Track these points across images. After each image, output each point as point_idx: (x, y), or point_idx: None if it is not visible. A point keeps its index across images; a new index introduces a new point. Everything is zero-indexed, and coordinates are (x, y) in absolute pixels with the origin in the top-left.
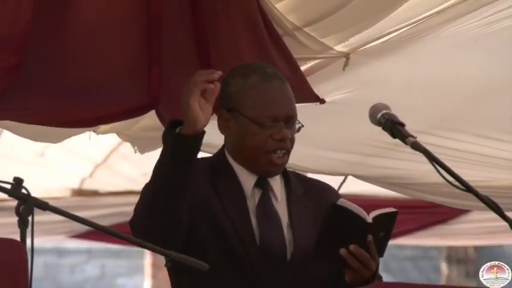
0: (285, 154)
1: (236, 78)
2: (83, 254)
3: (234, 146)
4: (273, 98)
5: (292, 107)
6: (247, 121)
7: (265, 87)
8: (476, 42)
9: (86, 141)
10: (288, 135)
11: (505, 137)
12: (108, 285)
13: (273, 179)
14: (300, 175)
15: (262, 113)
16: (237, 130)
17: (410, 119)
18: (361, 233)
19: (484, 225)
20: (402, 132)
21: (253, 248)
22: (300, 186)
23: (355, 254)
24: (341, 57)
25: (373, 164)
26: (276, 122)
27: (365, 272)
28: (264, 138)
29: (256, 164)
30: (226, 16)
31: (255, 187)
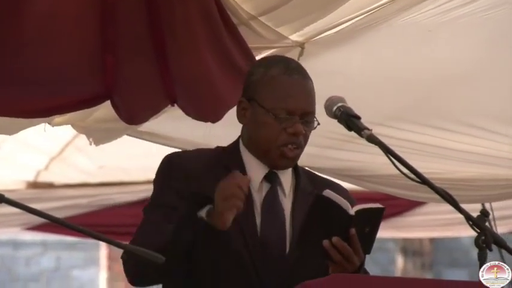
0: (297, 149)
1: (259, 68)
2: (38, 246)
3: (248, 135)
4: (291, 91)
5: (311, 103)
6: (262, 111)
7: (285, 80)
8: (430, 31)
9: (41, 134)
10: (302, 131)
11: (460, 128)
12: (63, 277)
13: (284, 174)
14: (312, 173)
15: (278, 105)
16: (253, 120)
17: (366, 110)
18: (343, 225)
19: (440, 217)
20: (358, 125)
21: (254, 243)
22: (309, 184)
23: (337, 246)
24: (296, 46)
25: (329, 156)
26: (291, 116)
27: (347, 266)
28: (277, 130)
29: (267, 155)
30: (181, 5)
31: (264, 180)
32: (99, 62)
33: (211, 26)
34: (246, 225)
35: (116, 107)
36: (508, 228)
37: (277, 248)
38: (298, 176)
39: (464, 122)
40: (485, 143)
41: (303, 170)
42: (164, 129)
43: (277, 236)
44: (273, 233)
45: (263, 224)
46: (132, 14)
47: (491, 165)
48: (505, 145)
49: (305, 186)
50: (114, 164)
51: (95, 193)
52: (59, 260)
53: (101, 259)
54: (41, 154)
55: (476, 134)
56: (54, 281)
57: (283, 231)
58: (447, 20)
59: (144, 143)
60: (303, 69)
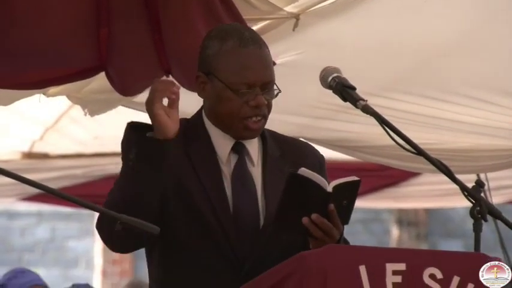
0: (261, 120)
1: (213, 40)
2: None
3: (210, 109)
4: (249, 64)
5: (269, 72)
6: (222, 86)
7: (241, 52)
8: (426, 1)
9: (35, 105)
10: (264, 102)
11: (456, 98)
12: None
13: (250, 143)
14: (278, 135)
15: (237, 79)
16: (213, 94)
17: (361, 81)
18: (321, 202)
19: (435, 187)
20: (353, 95)
21: (226, 216)
22: (276, 148)
23: (317, 223)
24: (291, 18)
25: (324, 127)
26: (251, 89)
27: (328, 240)
28: (239, 104)
29: (231, 129)
30: None
31: (232, 152)
32: (94, 34)
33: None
34: (216, 199)
35: (110, 79)
36: (503, 198)
37: (250, 219)
38: (265, 142)
39: (460, 93)
40: (481, 113)
41: (269, 133)
42: None
43: (249, 206)
44: (245, 204)
45: (234, 196)
46: None
47: (486, 135)
48: (501, 115)
49: (273, 151)
50: (109, 135)
51: (90, 163)
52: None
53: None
54: (36, 124)
55: (472, 104)
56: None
57: (255, 202)
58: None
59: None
60: (258, 37)
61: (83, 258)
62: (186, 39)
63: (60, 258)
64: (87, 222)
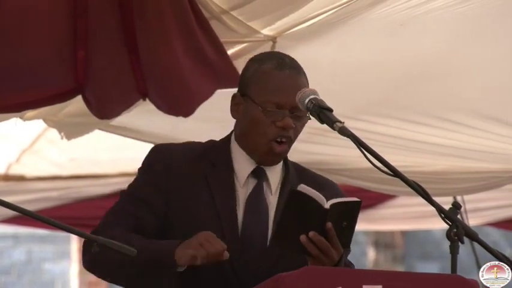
0: (285, 143)
1: (253, 63)
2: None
3: (239, 130)
4: (281, 85)
5: None
6: (253, 105)
7: (277, 74)
8: (402, 25)
9: (12, 126)
10: (291, 125)
11: (431, 121)
12: (35, 270)
13: (272, 170)
14: (301, 167)
15: (268, 99)
16: (244, 114)
17: (337, 103)
18: (319, 219)
19: (411, 210)
20: (330, 117)
21: (233, 239)
22: (297, 180)
23: (314, 240)
24: (268, 41)
25: (300, 149)
26: (280, 109)
27: (325, 260)
28: (266, 124)
29: (256, 150)
30: None
31: (251, 176)
32: (71, 57)
33: (182, 21)
34: (226, 221)
35: (87, 102)
36: (479, 220)
37: (257, 245)
38: (288, 172)
39: (436, 115)
40: (457, 136)
41: (293, 165)
42: (135, 124)
43: (259, 233)
44: (255, 230)
45: (245, 221)
46: (103, 8)
47: (463, 158)
48: (477, 138)
49: (292, 182)
50: (86, 157)
51: (66, 186)
52: (30, 253)
53: (72, 252)
54: (13, 146)
55: (448, 127)
56: (26, 274)
57: (265, 229)
58: (417, 15)
59: (116, 136)
60: (297, 65)
61: (59, 280)
62: (164, 63)
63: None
64: (64, 244)
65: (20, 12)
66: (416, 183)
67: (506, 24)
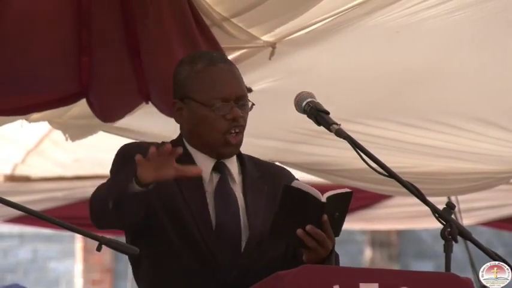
0: (239, 133)
1: (184, 66)
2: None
3: (189, 132)
4: (220, 80)
5: (241, 86)
6: (198, 105)
7: (212, 70)
8: (398, 32)
9: (18, 128)
10: (240, 114)
11: (425, 124)
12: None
13: (230, 162)
14: (255, 159)
15: (212, 95)
16: (190, 116)
17: (335, 107)
18: (316, 212)
19: (407, 209)
20: (326, 119)
21: (209, 232)
22: (255, 170)
23: (312, 233)
24: (267, 47)
25: (298, 151)
26: (226, 103)
27: (322, 251)
28: (216, 119)
29: (212, 146)
30: (155, 7)
31: (213, 171)
32: (75, 62)
33: (184, 27)
34: (199, 216)
35: (91, 105)
36: (473, 220)
37: (232, 233)
38: (243, 163)
39: (429, 119)
40: (451, 138)
41: (246, 156)
42: (138, 125)
43: (231, 221)
44: (227, 219)
45: (217, 213)
46: (106, 15)
47: (456, 159)
48: (470, 140)
49: (252, 172)
50: (90, 157)
51: (70, 186)
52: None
53: (77, 251)
54: (18, 147)
55: (442, 129)
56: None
57: (237, 217)
58: (413, 22)
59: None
60: (226, 58)
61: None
62: (165, 67)
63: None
64: (68, 243)
65: (25, 19)
66: (411, 183)
67: (498, 32)
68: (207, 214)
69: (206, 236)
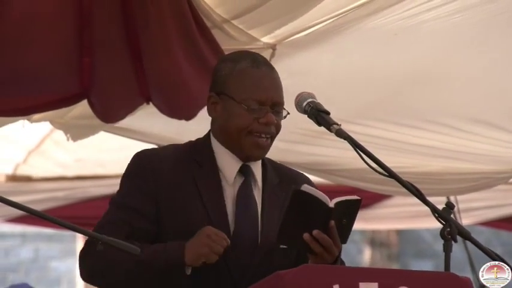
0: (269, 139)
1: (227, 63)
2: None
3: (220, 128)
4: (261, 83)
5: (280, 94)
6: (234, 103)
7: (254, 72)
8: (396, 35)
9: (19, 128)
10: (274, 120)
11: (425, 125)
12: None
13: (255, 166)
14: (275, 163)
15: (250, 96)
16: (224, 113)
17: (335, 108)
18: (323, 218)
19: (406, 209)
20: (327, 120)
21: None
22: (275, 176)
23: (318, 238)
24: (267, 48)
25: (299, 151)
26: (262, 106)
27: (327, 256)
28: (249, 120)
29: (240, 145)
30: (155, 8)
31: (238, 173)
32: (77, 63)
33: (184, 29)
34: (216, 219)
35: (92, 106)
36: (472, 220)
37: (249, 241)
38: (266, 169)
39: (429, 119)
40: (449, 139)
41: (268, 160)
42: (139, 126)
43: (250, 229)
44: (246, 226)
45: (237, 218)
46: (107, 17)
47: (455, 159)
48: (468, 141)
49: (271, 178)
50: (91, 158)
51: (72, 186)
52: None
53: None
54: (20, 147)
55: (441, 130)
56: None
57: (255, 225)
58: (412, 25)
59: (120, 138)
60: (269, 62)
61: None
62: (166, 68)
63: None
64: (70, 243)
65: (26, 21)
66: (410, 183)
67: (494, 35)
68: (225, 219)
69: None
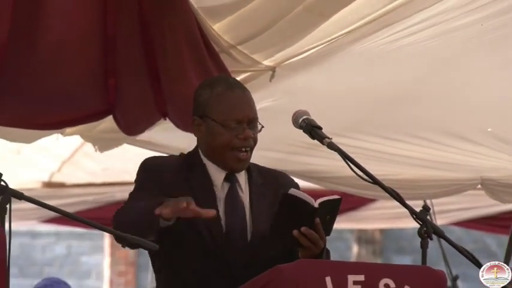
0: (249, 151)
1: (205, 89)
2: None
3: (205, 146)
4: (236, 104)
5: (253, 110)
6: (215, 124)
7: (229, 95)
8: (380, 57)
9: (54, 141)
10: (251, 135)
11: (405, 138)
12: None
13: (240, 173)
14: (259, 166)
15: (228, 117)
16: (208, 133)
17: (327, 123)
18: (309, 216)
19: (388, 211)
20: (320, 134)
21: (219, 233)
22: (259, 177)
23: (306, 234)
24: (268, 70)
25: (295, 161)
26: (239, 124)
27: (315, 248)
28: (230, 138)
29: (224, 160)
30: (171, 35)
31: (224, 181)
32: (103, 84)
33: (196, 53)
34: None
35: (117, 121)
36: (446, 220)
37: (240, 235)
38: (250, 173)
39: (408, 133)
40: (426, 150)
41: (252, 165)
42: (157, 139)
43: (239, 225)
44: (236, 223)
45: (227, 217)
46: (130, 42)
47: (432, 168)
48: (443, 152)
49: (256, 179)
50: (116, 167)
51: (99, 191)
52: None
53: (105, 247)
54: (54, 158)
55: (420, 143)
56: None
57: (244, 221)
58: (393, 49)
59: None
60: (241, 84)
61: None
62: (181, 88)
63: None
64: (98, 240)
65: (59, 47)
66: (392, 189)
67: (465, 57)
68: (218, 218)
69: (217, 237)
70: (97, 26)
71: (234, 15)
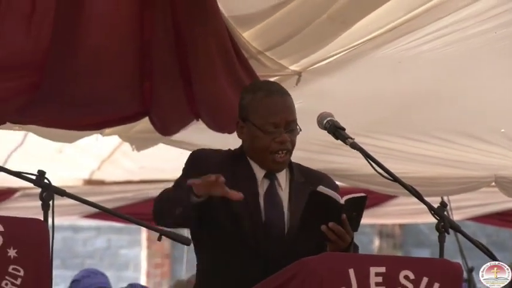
0: (286, 154)
1: (248, 93)
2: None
3: (247, 147)
4: (273, 109)
5: (291, 113)
6: (255, 128)
7: (267, 101)
8: (400, 63)
9: (94, 141)
10: (287, 139)
11: (423, 138)
12: (113, 255)
13: (280, 172)
14: (302, 166)
15: (265, 121)
16: (249, 135)
17: (350, 124)
18: (336, 212)
19: (408, 207)
20: (343, 134)
21: (259, 223)
22: (301, 176)
23: (333, 229)
24: (294, 75)
25: (320, 159)
26: (277, 128)
27: (341, 243)
28: (268, 141)
29: (263, 162)
30: (203, 42)
31: (264, 178)
32: (139, 87)
33: (227, 59)
34: (253, 209)
35: (153, 122)
36: (462, 216)
37: (277, 228)
38: (292, 171)
39: (427, 134)
40: (443, 149)
41: (295, 164)
42: (190, 138)
43: (277, 219)
44: (274, 216)
45: (266, 211)
46: (164, 48)
47: (448, 166)
48: (460, 151)
49: (298, 178)
50: (152, 165)
51: (137, 188)
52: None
53: (142, 240)
54: (95, 157)
55: (437, 142)
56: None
57: (281, 215)
58: (413, 54)
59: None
60: (282, 88)
61: (132, 263)
62: (212, 91)
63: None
64: (136, 234)
65: (97, 53)
66: (411, 186)
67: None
68: (258, 211)
69: (256, 228)
70: (134, 30)
71: (262, 23)
